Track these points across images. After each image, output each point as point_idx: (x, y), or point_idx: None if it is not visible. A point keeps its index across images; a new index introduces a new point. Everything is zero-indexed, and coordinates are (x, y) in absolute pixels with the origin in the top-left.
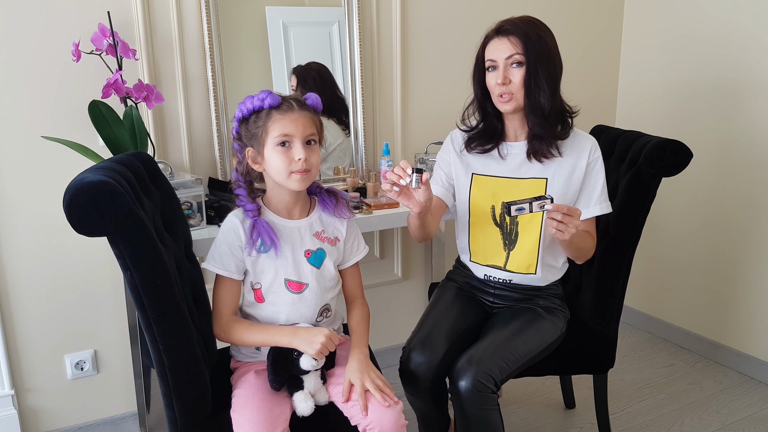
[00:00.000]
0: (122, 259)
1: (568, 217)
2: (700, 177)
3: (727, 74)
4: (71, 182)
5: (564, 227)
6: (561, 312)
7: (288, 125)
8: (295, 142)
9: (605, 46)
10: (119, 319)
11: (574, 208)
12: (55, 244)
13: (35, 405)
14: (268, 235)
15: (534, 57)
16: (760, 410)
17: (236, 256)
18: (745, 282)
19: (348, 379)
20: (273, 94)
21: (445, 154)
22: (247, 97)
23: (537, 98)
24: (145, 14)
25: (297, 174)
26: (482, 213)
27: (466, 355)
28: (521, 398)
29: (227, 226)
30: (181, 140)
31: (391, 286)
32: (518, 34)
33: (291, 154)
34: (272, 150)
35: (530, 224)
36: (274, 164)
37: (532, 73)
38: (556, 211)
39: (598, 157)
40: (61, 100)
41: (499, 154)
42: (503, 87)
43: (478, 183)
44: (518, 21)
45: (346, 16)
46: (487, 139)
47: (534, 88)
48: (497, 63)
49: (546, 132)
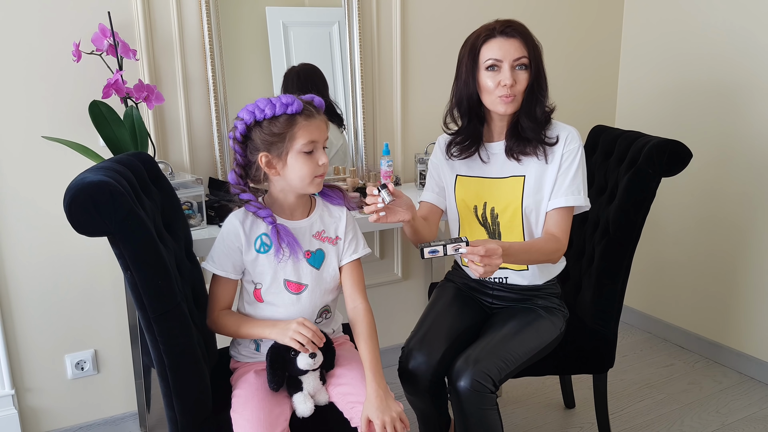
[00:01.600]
0: (123, 259)
1: (487, 258)
2: (699, 177)
3: (727, 74)
4: (72, 182)
5: (486, 269)
6: (560, 311)
7: (314, 131)
8: (318, 147)
9: (605, 46)
10: (119, 319)
11: (490, 248)
12: (56, 243)
13: (35, 405)
14: (293, 240)
15: (536, 62)
16: (760, 410)
17: (234, 258)
18: (744, 282)
19: (366, 415)
20: (297, 100)
21: (434, 158)
22: (262, 100)
23: (536, 104)
24: (145, 14)
25: (318, 178)
26: (468, 213)
27: (464, 355)
28: (521, 398)
29: (227, 228)
30: (181, 140)
31: (391, 286)
32: (523, 37)
33: (315, 159)
34: (297, 156)
35: (512, 222)
36: (299, 171)
37: (535, 78)
38: (472, 254)
39: (575, 147)
40: (62, 100)
41: (481, 159)
42: (508, 89)
43: (462, 183)
44: (516, 24)
45: (346, 16)
46: (467, 146)
47: (537, 94)
48: (501, 63)
49: (536, 136)
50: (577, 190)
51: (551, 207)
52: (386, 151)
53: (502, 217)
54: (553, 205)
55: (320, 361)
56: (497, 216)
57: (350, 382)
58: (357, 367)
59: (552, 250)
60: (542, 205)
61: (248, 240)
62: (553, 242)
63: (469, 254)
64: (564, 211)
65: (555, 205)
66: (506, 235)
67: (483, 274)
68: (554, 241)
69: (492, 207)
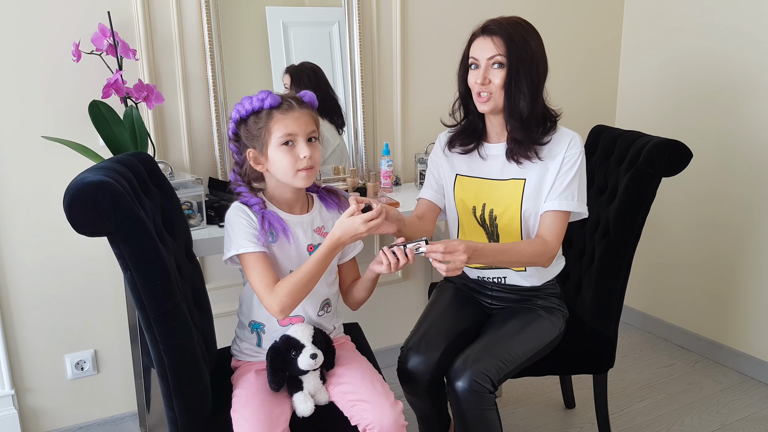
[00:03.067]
0: (122, 259)
1: (449, 255)
2: (699, 177)
3: (727, 74)
4: (71, 182)
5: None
6: (560, 311)
7: (291, 124)
8: (299, 140)
9: (605, 46)
10: (119, 319)
11: (451, 244)
12: (56, 243)
13: (35, 405)
14: (279, 224)
15: (516, 60)
16: (760, 410)
17: (253, 231)
18: (744, 282)
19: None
20: (273, 94)
21: (434, 156)
22: (245, 98)
23: (517, 102)
24: (145, 14)
25: (303, 171)
26: (467, 213)
27: (462, 356)
28: (521, 398)
29: (233, 213)
30: (181, 140)
31: (391, 286)
32: (502, 35)
33: (296, 153)
34: (276, 150)
35: (510, 225)
36: (280, 164)
37: (513, 77)
38: (433, 252)
39: (575, 153)
40: (62, 100)
41: (480, 156)
42: (482, 86)
43: (461, 183)
44: (505, 22)
45: (346, 16)
46: (468, 138)
47: (514, 92)
48: (479, 62)
49: (524, 136)
50: (572, 196)
51: (544, 209)
52: (386, 151)
53: (500, 220)
54: (546, 207)
55: (321, 360)
56: (495, 218)
57: (350, 381)
58: (357, 366)
59: (537, 253)
60: (540, 209)
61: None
62: (539, 245)
63: (430, 252)
64: (556, 215)
65: (548, 207)
66: (504, 238)
67: (447, 271)
68: (540, 244)
69: (491, 209)
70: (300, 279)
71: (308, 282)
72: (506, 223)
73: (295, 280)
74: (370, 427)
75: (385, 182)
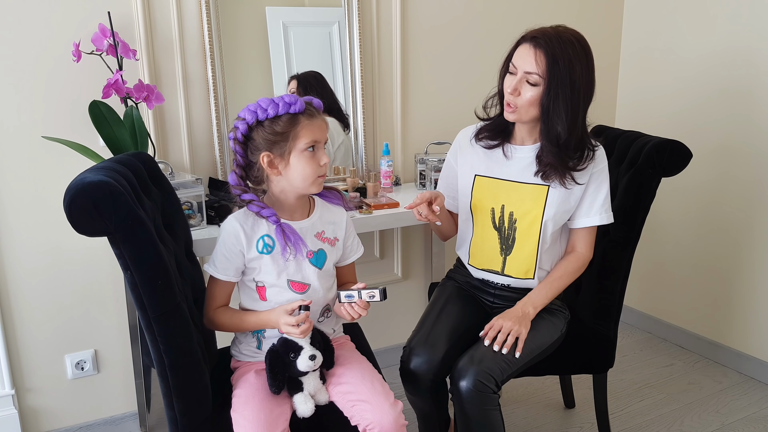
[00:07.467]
0: (122, 259)
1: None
2: (699, 177)
3: (727, 75)
4: (71, 182)
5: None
6: (561, 313)
7: (316, 131)
8: (319, 147)
9: (605, 46)
10: (119, 319)
11: (505, 325)
12: (56, 243)
13: (35, 405)
14: (293, 236)
15: (557, 83)
16: (760, 410)
17: (236, 262)
18: (744, 282)
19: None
20: (300, 99)
21: (451, 157)
22: (264, 100)
23: (554, 125)
24: (145, 14)
25: (321, 178)
26: (483, 215)
27: (467, 355)
28: (521, 398)
29: (227, 231)
30: (181, 140)
31: (391, 286)
32: (547, 53)
33: (317, 159)
34: (300, 155)
35: (530, 230)
36: (302, 170)
37: (551, 99)
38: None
39: (603, 166)
40: (62, 100)
41: (504, 154)
42: (511, 96)
43: (480, 184)
44: (556, 37)
45: (346, 16)
46: (496, 134)
47: (552, 114)
48: (517, 71)
49: (558, 161)
50: (605, 209)
51: (583, 225)
52: (386, 151)
53: (520, 223)
54: (585, 223)
55: (320, 361)
56: (516, 221)
57: (350, 381)
58: (357, 366)
59: (577, 269)
60: (563, 219)
61: (249, 241)
62: (575, 261)
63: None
64: (591, 229)
65: (588, 223)
66: (521, 241)
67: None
68: (576, 260)
69: (511, 211)
70: (234, 325)
71: (237, 329)
72: (526, 227)
73: (231, 323)
74: (370, 427)
75: (385, 182)
